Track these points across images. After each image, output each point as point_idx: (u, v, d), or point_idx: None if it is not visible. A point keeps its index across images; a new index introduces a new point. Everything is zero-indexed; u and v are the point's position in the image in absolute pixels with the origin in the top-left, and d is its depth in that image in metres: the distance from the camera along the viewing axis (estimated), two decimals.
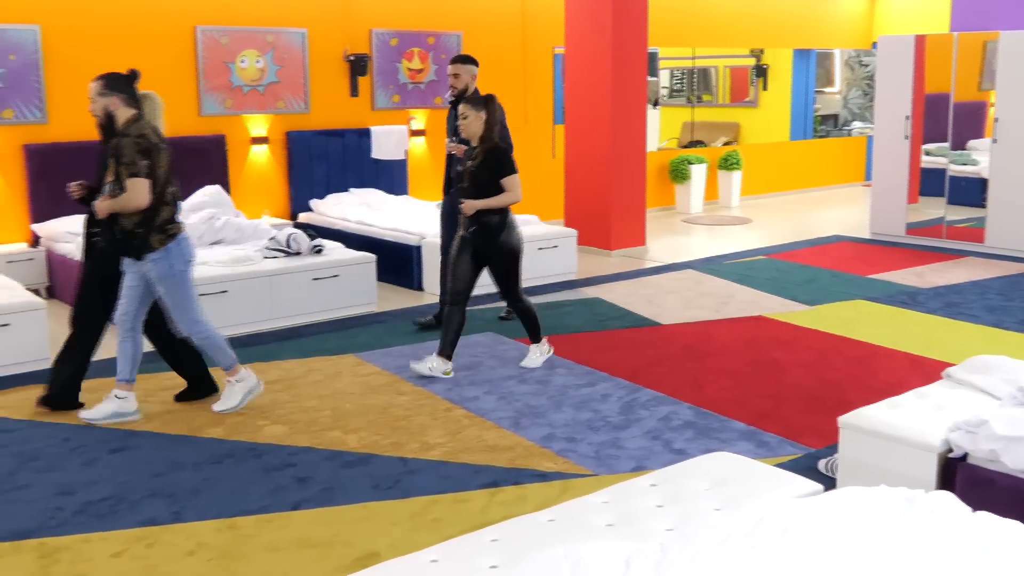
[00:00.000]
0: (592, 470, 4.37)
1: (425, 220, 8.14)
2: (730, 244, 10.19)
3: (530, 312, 5.94)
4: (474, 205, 5.62)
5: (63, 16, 7.90)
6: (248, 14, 8.83)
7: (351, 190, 9.37)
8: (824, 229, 10.97)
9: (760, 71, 13.72)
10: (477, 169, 5.66)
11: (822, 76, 14.47)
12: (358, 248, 7.71)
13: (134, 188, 4.79)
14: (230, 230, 7.68)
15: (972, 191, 9.73)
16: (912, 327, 6.72)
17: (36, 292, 7.23)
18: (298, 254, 7.18)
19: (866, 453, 3.72)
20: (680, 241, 10.46)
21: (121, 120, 4.89)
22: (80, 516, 3.96)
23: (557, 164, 10.78)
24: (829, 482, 3.95)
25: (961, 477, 3.41)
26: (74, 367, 5.19)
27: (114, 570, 3.52)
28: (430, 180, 9.98)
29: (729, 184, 12.95)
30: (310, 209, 9.20)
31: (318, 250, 7.28)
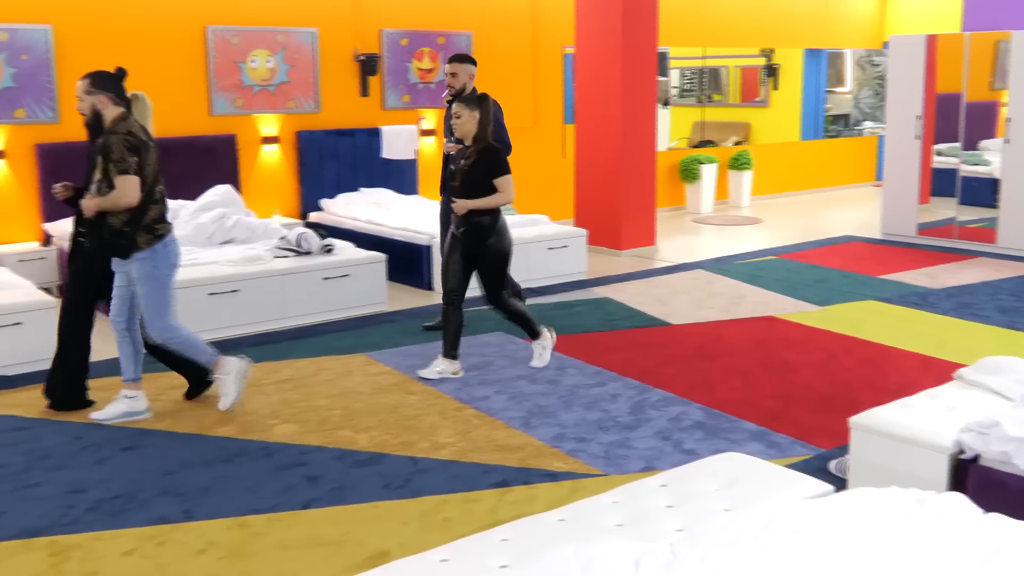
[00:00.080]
0: (602, 470, 4.37)
1: (435, 220, 8.12)
2: (741, 244, 10.17)
3: (517, 311, 5.87)
4: (466, 205, 5.57)
5: (75, 16, 7.93)
6: (259, 14, 8.85)
7: (361, 190, 9.38)
8: (835, 229, 10.94)
9: (771, 71, 13.68)
10: (470, 169, 5.60)
11: (833, 76, 14.42)
12: (368, 248, 7.72)
13: (124, 186, 4.72)
14: (241, 229, 7.70)
15: (984, 191, 9.69)
16: (923, 328, 6.70)
17: (48, 291, 7.25)
18: (308, 253, 7.20)
19: (877, 454, 3.71)
20: (690, 241, 10.44)
21: (109, 118, 4.84)
22: (91, 514, 3.97)
23: (567, 164, 10.77)
24: (840, 483, 3.94)
25: (973, 479, 3.40)
26: (71, 369, 5.17)
27: (125, 568, 3.54)
28: (440, 180, 9.97)
29: (739, 184, 12.92)
30: (320, 209, 9.22)
31: (328, 250, 7.29)
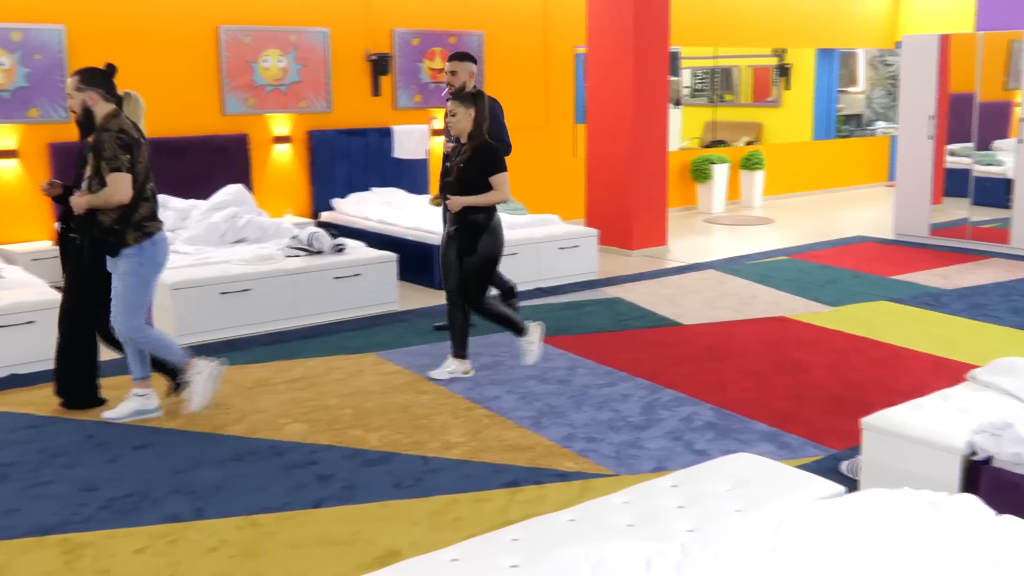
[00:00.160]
0: (613, 470, 4.36)
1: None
2: (752, 244, 10.15)
3: (498, 313, 5.80)
4: (460, 202, 5.54)
5: (88, 16, 7.97)
6: (271, 14, 8.88)
7: (373, 189, 9.40)
8: (847, 229, 10.90)
9: (783, 70, 13.65)
10: (466, 166, 5.58)
11: (845, 76, 14.38)
12: (379, 247, 7.73)
13: (116, 183, 4.69)
14: (252, 229, 7.72)
15: (997, 192, 9.64)
16: (936, 328, 6.67)
17: (60, 290, 7.27)
18: (320, 253, 7.22)
19: (889, 455, 3.69)
20: (702, 241, 10.42)
21: (100, 115, 4.79)
22: (103, 512, 3.99)
23: (578, 164, 10.77)
24: (851, 484, 3.92)
25: (985, 480, 3.38)
26: (80, 366, 5.17)
27: (137, 566, 3.55)
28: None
29: (751, 184, 12.89)
30: (332, 208, 9.24)
31: (340, 249, 7.30)
